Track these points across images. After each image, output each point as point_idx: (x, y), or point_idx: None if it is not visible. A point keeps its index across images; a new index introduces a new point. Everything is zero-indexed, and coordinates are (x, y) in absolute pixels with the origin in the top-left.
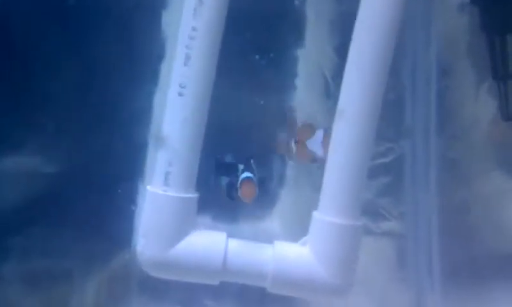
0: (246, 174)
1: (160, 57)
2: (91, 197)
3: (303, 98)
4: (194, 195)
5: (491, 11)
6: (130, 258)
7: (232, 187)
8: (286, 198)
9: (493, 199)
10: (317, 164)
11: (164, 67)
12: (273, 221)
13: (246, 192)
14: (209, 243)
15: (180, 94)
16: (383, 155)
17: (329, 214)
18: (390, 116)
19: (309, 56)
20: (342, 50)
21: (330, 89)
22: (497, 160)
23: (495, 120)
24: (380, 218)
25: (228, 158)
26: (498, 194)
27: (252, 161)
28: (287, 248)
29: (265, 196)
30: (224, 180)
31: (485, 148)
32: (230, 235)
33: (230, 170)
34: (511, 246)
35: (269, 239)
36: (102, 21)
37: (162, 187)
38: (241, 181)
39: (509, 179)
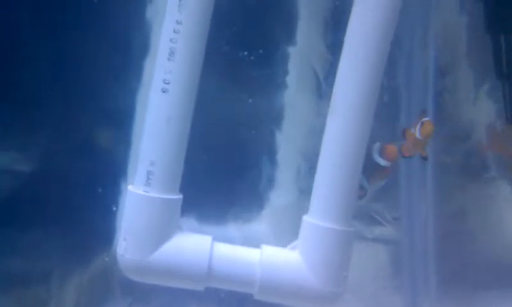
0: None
1: (144, 51)
2: (69, 196)
3: (293, 97)
4: (177, 196)
5: (495, 9)
6: (110, 260)
7: None
8: (275, 201)
9: (490, 206)
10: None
11: (148, 62)
12: (261, 224)
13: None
14: (193, 247)
15: (164, 91)
16: None
17: (320, 218)
18: (385, 117)
19: (301, 54)
20: (335, 48)
21: (322, 89)
22: (495, 166)
23: (493, 127)
24: (373, 223)
25: None
26: (495, 200)
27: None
28: (275, 253)
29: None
30: None
31: (483, 153)
32: (216, 239)
33: None
34: (508, 254)
35: (256, 243)
36: (83, 12)
37: (143, 187)
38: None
39: (507, 185)
